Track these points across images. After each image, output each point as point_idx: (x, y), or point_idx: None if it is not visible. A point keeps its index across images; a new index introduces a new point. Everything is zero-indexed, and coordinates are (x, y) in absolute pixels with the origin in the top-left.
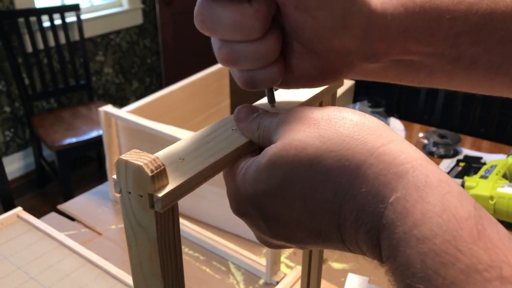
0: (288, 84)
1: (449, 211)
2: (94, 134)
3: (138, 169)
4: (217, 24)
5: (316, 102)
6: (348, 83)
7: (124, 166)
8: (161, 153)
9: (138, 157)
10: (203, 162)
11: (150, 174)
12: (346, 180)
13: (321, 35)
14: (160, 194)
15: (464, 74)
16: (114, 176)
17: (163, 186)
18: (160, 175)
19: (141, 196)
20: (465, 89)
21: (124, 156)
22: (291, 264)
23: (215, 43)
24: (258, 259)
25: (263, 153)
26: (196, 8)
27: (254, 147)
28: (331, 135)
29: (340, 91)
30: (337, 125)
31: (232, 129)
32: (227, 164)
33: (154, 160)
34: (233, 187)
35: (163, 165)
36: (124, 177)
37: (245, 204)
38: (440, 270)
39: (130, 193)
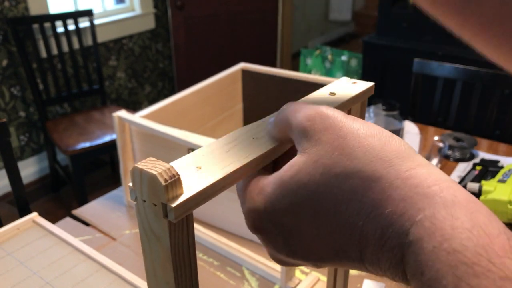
0: None
1: (479, 227)
2: (107, 138)
3: (152, 178)
4: None
5: (345, 109)
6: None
7: (139, 175)
8: (178, 161)
9: (153, 166)
10: (220, 171)
11: (164, 183)
12: (371, 200)
13: None
14: (174, 204)
15: None
16: (130, 184)
17: (177, 196)
18: (174, 184)
19: (155, 205)
20: None
21: (139, 164)
22: (306, 270)
23: None
24: (272, 265)
25: (288, 168)
26: None
27: (271, 159)
28: (359, 154)
29: (354, 94)
30: (365, 143)
31: (253, 138)
32: (245, 175)
33: (169, 169)
34: (251, 203)
35: (178, 174)
36: (139, 186)
37: (263, 220)
38: (473, 281)
39: (145, 201)
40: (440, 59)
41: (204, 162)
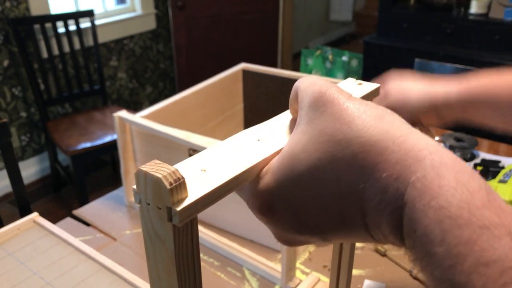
0: None
1: (463, 185)
2: (108, 138)
3: (157, 181)
4: None
5: None
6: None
7: (144, 177)
8: (183, 163)
9: (157, 169)
10: (226, 174)
11: (168, 187)
12: (369, 164)
13: None
14: (179, 208)
15: None
16: (134, 186)
17: (182, 199)
18: (179, 187)
19: (160, 208)
20: None
21: (144, 167)
22: (307, 270)
23: None
24: (273, 265)
25: (296, 140)
26: None
27: None
28: (358, 123)
29: (361, 96)
30: (363, 115)
31: (258, 140)
32: (251, 177)
33: (174, 172)
34: (259, 185)
35: (183, 177)
36: (143, 188)
37: (273, 197)
38: (456, 231)
39: (149, 204)
40: (441, 59)
41: (209, 164)
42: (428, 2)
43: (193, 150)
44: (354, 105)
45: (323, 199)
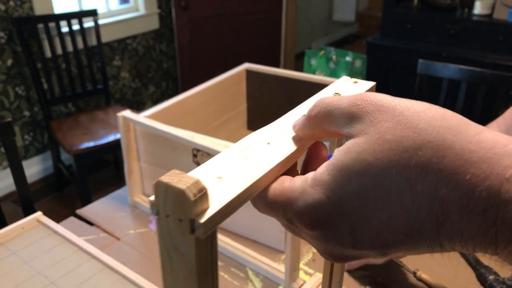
0: None
1: None
2: (111, 138)
3: (180, 193)
4: None
5: None
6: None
7: (164, 189)
8: (197, 171)
9: (179, 180)
10: (244, 180)
11: (193, 198)
12: (448, 168)
13: None
14: (202, 220)
15: None
16: (151, 198)
17: (204, 211)
18: (202, 199)
19: (181, 220)
20: None
21: (164, 178)
22: (310, 271)
23: None
24: (276, 266)
25: (345, 151)
26: None
27: (291, 164)
28: (424, 126)
29: (351, 93)
30: (426, 116)
31: (268, 143)
32: (268, 182)
33: (196, 182)
34: (307, 199)
35: (205, 188)
36: (163, 200)
37: (328, 212)
38: None
39: (168, 216)
40: (444, 60)
41: (224, 171)
42: (432, 2)
43: (197, 150)
44: (408, 107)
45: (390, 212)
